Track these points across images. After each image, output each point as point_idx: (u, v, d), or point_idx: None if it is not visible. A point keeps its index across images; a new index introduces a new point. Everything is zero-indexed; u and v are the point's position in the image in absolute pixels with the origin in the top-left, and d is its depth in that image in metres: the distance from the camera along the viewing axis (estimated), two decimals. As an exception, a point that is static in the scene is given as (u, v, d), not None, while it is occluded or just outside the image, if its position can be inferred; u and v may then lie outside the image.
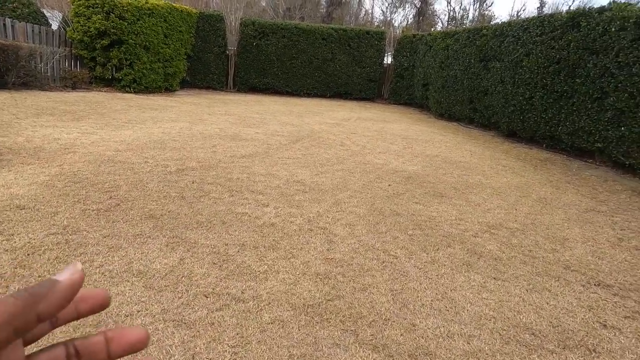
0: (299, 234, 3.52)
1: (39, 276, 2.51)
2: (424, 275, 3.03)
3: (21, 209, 3.39)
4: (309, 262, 3.06)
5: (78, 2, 11.06)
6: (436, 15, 39.33)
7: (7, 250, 2.75)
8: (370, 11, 40.74)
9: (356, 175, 5.57)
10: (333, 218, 3.96)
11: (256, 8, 29.45)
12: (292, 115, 11.03)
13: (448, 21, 37.06)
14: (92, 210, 3.52)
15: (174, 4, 13.15)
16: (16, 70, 9.08)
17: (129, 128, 7.07)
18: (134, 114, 8.55)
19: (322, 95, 16.87)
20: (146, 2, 11.82)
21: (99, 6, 10.91)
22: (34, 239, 2.93)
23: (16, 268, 2.56)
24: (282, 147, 6.93)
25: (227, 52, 15.63)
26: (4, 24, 10.23)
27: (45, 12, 13.52)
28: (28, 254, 2.73)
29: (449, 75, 12.55)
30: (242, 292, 2.57)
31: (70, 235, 3.06)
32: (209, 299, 2.47)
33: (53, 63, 10.57)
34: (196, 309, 2.36)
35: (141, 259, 2.85)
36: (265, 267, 2.93)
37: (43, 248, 2.82)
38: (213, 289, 2.58)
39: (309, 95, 16.71)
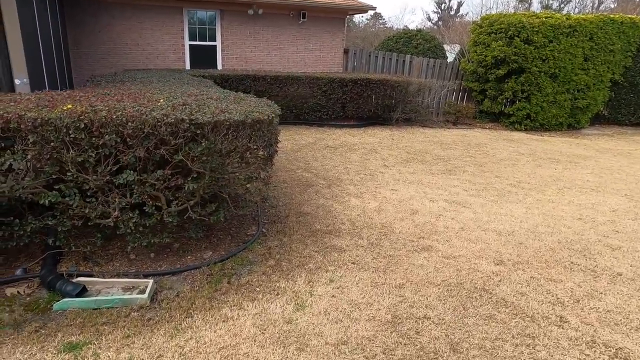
0: None
1: None
2: None
3: None
4: None
5: (479, 30, 9.51)
6: None
7: None
8: None
9: None
10: None
11: None
12: None
13: None
14: None
15: (612, 15, 9.40)
16: (402, 105, 8.40)
17: (519, 198, 4.46)
18: (525, 168, 5.87)
19: None
20: (567, 19, 8.84)
21: (503, 31, 8.91)
22: None
23: None
24: None
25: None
26: (404, 61, 10.07)
27: (445, 46, 13.07)
28: None
29: None
30: None
31: None
32: None
33: (439, 97, 9.48)
34: None
35: None
36: None
37: None
38: None
39: None
